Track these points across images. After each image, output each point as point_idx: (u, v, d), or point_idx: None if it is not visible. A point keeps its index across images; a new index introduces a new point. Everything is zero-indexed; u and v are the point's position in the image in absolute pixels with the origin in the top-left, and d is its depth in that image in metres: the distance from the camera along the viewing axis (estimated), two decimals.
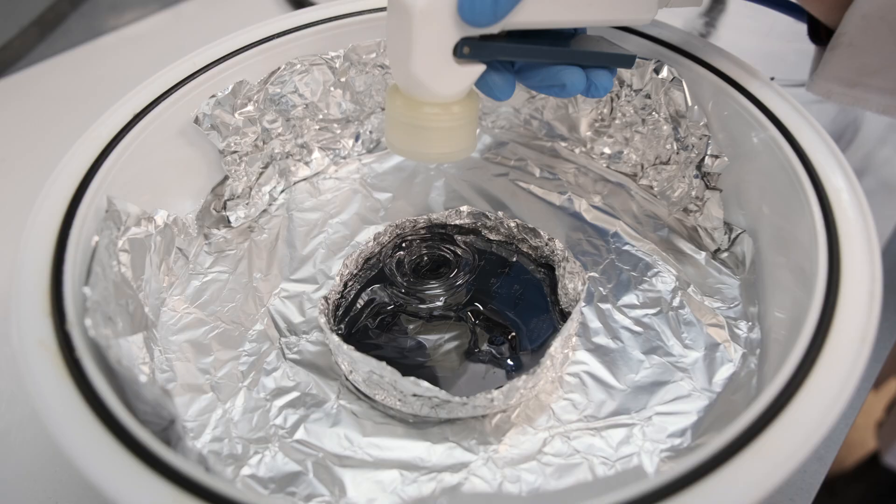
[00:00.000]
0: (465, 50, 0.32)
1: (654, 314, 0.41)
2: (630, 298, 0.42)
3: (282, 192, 0.50)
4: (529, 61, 0.35)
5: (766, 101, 0.40)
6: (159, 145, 0.42)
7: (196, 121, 0.43)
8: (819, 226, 0.34)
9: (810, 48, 0.42)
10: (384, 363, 0.35)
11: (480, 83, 0.35)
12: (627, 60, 0.36)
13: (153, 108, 0.41)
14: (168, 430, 0.32)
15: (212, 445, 0.36)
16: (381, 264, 0.43)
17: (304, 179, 0.51)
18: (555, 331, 0.39)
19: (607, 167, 0.50)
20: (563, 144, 0.52)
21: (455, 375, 0.38)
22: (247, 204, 0.47)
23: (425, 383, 0.34)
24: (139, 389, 0.30)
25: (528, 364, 0.38)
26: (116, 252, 0.37)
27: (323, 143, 0.51)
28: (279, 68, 0.46)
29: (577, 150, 0.52)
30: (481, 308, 0.41)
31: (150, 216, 0.40)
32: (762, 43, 0.69)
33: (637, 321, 0.41)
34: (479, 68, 0.34)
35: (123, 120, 0.40)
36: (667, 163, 0.46)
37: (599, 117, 0.50)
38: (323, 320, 0.38)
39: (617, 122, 0.49)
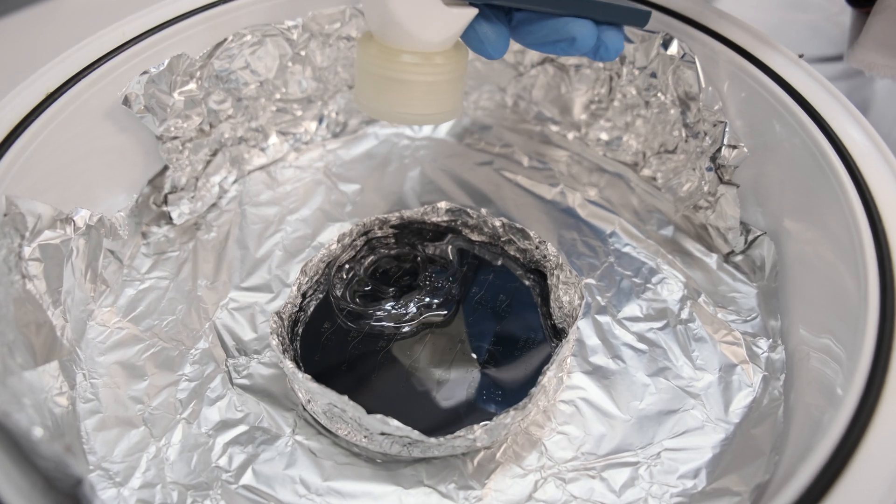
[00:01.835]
0: None
1: (660, 328, 0.36)
2: (632, 309, 0.37)
3: (233, 182, 0.44)
4: (530, 9, 0.29)
5: (793, 81, 0.34)
6: (80, 132, 0.35)
7: (125, 102, 0.36)
8: (864, 229, 0.28)
9: (821, 21, 0.36)
10: (346, 397, 0.29)
11: (469, 35, 0.29)
12: (641, 16, 0.31)
13: (70, 88, 0.34)
14: (78, 489, 0.26)
15: (141, 493, 0.30)
16: (342, 280, 0.37)
17: (260, 168, 0.45)
18: (547, 353, 0.34)
19: (604, 155, 0.45)
20: (555, 129, 0.46)
21: (431, 405, 0.32)
22: (192, 197, 0.41)
23: (394, 422, 0.29)
24: (34, 446, 0.24)
25: (517, 393, 0.32)
26: (22, 263, 0.31)
27: (281, 127, 0.45)
28: (226, 40, 0.39)
29: (570, 136, 0.46)
30: (463, 323, 0.35)
31: (67, 217, 0.34)
32: (765, 14, 0.63)
33: (640, 337, 0.36)
34: (470, 12, 0.28)
35: (31, 102, 0.33)
36: (673, 151, 0.41)
37: (596, 98, 0.44)
38: (275, 342, 0.32)
39: (616, 104, 0.43)
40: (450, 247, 0.38)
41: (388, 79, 0.30)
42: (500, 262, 0.38)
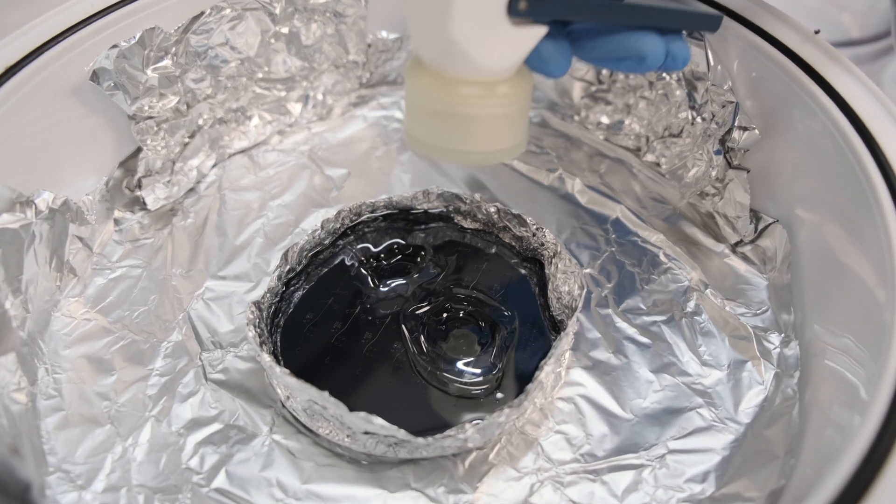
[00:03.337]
0: (522, 5, 0.24)
1: (665, 321, 0.34)
2: (635, 301, 0.35)
3: (213, 167, 0.41)
4: (598, 23, 0.26)
5: (810, 59, 0.32)
6: (44, 109, 0.33)
7: (93, 77, 0.34)
8: (891, 219, 0.26)
9: (828, 6, 0.34)
10: (326, 393, 0.27)
11: (530, 55, 0.26)
12: (712, 21, 0.28)
13: (32, 61, 0.32)
14: (27, 494, 0.23)
15: (105, 497, 0.28)
16: (341, 257, 0.35)
17: (241, 152, 0.42)
18: (545, 347, 0.31)
19: (605, 140, 0.42)
20: (553, 112, 0.44)
21: (419, 402, 0.30)
22: (168, 182, 0.39)
23: (379, 420, 0.26)
24: None
25: (512, 389, 0.30)
26: None
27: (264, 108, 0.42)
28: (203, 13, 0.37)
29: (568, 120, 0.43)
30: (455, 315, 0.33)
31: (28, 200, 0.31)
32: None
33: (644, 330, 0.34)
34: (538, 32, 0.25)
35: None
36: (678, 135, 0.39)
37: (597, 80, 0.42)
38: (252, 333, 0.30)
39: (618, 85, 0.41)
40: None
41: (447, 114, 0.26)
42: (494, 251, 0.36)
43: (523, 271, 0.35)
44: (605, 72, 0.41)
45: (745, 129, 0.34)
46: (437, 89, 0.26)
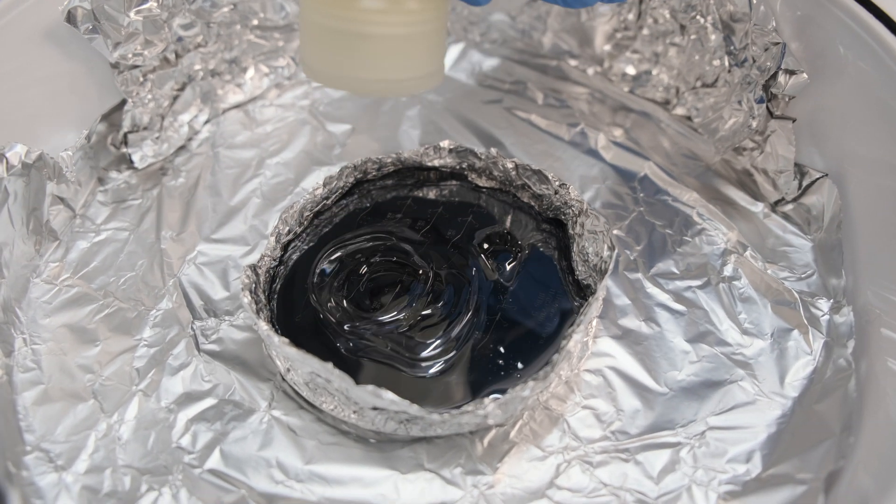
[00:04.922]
0: None
1: (700, 287, 0.31)
2: (667, 265, 0.32)
3: (205, 122, 0.38)
4: None
5: None
6: (14, 54, 0.30)
7: (69, 19, 0.31)
8: None
9: None
10: (330, 364, 0.24)
11: None
12: None
13: None
14: None
15: (87, 479, 0.26)
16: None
17: (236, 107, 0.39)
18: (571, 314, 0.29)
19: (630, 92, 0.39)
20: (573, 63, 0.41)
21: (433, 374, 0.27)
22: (157, 138, 0.36)
23: (389, 394, 0.24)
24: None
25: (535, 360, 0.27)
26: None
27: (260, 59, 0.39)
28: None
29: (590, 71, 0.40)
30: (472, 280, 0.30)
31: None
32: None
33: (677, 296, 0.31)
34: None
35: None
36: (713, 85, 0.35)
37: (622, 26, 0.38)
38: (247, 299, 0.27)
39: (645, 32, 0.37)
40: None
41: (345, 33, 0.23)
42: (512, 211, 0.33)
43: (545, 233, 0.32)
44: (630, 16, 0.38)
45: (791, 72, 0.30)
46: (334, 4, 0.23)
